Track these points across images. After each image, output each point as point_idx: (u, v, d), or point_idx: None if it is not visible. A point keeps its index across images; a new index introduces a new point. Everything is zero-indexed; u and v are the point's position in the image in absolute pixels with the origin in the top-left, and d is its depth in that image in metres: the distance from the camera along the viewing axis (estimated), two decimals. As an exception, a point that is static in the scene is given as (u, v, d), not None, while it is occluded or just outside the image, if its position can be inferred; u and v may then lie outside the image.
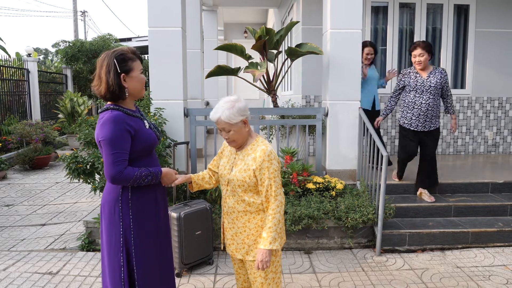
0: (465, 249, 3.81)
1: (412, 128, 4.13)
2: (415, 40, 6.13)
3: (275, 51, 4.80)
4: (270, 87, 4.86)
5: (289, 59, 4.69)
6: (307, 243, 3.85)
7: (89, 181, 3.76)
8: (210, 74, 4.64)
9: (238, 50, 4.67)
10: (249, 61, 4.61)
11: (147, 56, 4.40)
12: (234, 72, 4.69)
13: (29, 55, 11.20)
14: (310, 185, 4.02)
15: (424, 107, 4.04)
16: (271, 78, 4.83)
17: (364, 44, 4.90)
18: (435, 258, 3.64)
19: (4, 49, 11.46)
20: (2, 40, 11.65)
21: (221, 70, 4.66)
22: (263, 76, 4.70)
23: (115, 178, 1.90)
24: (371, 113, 4.95)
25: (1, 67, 9.36)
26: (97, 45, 12.67)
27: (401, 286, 3.15)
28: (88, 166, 3.67)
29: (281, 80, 4.98)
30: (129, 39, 15.91)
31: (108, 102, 2.03)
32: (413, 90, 4.10)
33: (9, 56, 10.90)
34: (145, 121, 2.12)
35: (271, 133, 5.08)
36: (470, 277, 3.28)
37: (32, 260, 3.65)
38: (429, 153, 4.17)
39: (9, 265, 3.56)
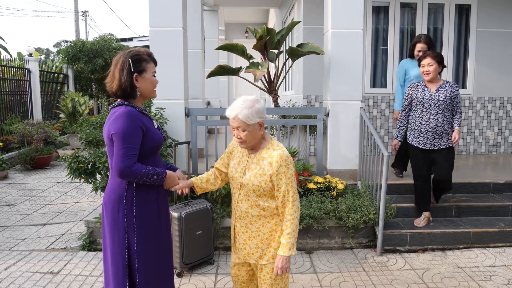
0: (466, 249, 3.81)
1: (420, 146, 3.78)
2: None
3: (276, 51, 4.80)
4: (271, 87, 4.86)
5: (290, 59, 4.69)
6: (308, 243, 3.85)
7: (90, 181, 3.76)
8: (211, 74, 4.65)
9: (239, 50, 4.68)
10: (250, 61, 4.61)
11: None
12: (235, 72, 4.69)
13: (30, 55, 11.22)
14: (311, 185, 4.02)
15: (432, 123, 3.68)
16: (272, 78, 4.84)
17: (417, 39, 4.37)
18: (436, 258, 3.63)
19: (5, 49, 11.48)
20: (3, 40, 11.67)
21: (222, 70, 4.66)
22: (264, 76, 4.71)
23: (123, 172, 1.91)
24: None
25: (3, 67, 9.37)
26: (98, 45, 12.68)
27: (402, 286, 3.15)
28: (89, 166, 3.68)
29: (282, 80, 4.98)
30: (130, 39, 15.96)
31: (119, 100, 2.05)
32: (420, 104, 3.75)
33: (11, 56, 10.93)
34: (154, 121, 2.15)
35: (272, 133, 5.08)
36: (471, 277, 3.28)
37: (33, 259, 3.66)
38: (442, 175, 3.78)
39: (10, 264, 3.56)
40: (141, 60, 2.04)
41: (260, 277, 2.10)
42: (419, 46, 4.29)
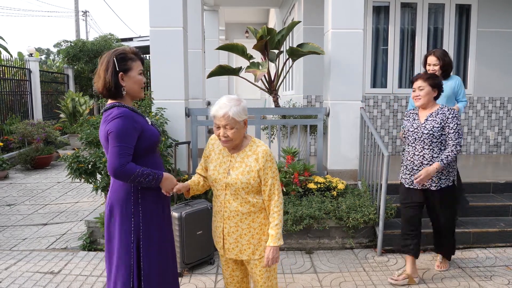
0: (466, 249, 3.81)
1: (406, 185, 3.25)
2: (416, 41, 6.15)
3: (276, 51, 4.80)
4: (272, 87, 4.86)
5: (290, 59, 4.69)
6: (308, 243, 3.85)
7: (90, 180, 3.76)
8: (212, 74, 4.65)
9: (240, 50, 4.68)
10: (251, 61, 4.61)
11: (149, 56, 4.40)
12: (235, 72, 4.69)
13: (30, 55, 11.22)
14: (311, 185, 4.02)
15: (417, 160, 3.10)
16: (272, 78, 4.84)
17: (428, 53, 3.82)
18: (437, 258, 3.63)
19: (6, 49, 11.47)
20: (4, 39, 11.66)
21: (223, 70, 4.67)
22: (264, 76, 4.71)
23: (117, 170, 1.90)
24: None
25: (3, 67, 9.38)
26: (98, 45, 12.69)
27: (403, 286, 3.14)
28: (89, 166, 3.68)
29: (283, 80, 4.98)
30: (131, 39, 15.93)
31: (110, 101, 2.05)
32: (406, 137, 3.22)
33: (11, 56, 10.92)
34: (147, 118, 2.15)
35: (272, 133, 5.07)
36: (472, 277, 3.28)
37: (34, 259, 3.66)
38: (438, 220, 3.23)
39: (11, 264, 3.57)
40: (127, 59, 2.02)
41: (255, 272, 2.13)
42: (429, 60, 3.81)
